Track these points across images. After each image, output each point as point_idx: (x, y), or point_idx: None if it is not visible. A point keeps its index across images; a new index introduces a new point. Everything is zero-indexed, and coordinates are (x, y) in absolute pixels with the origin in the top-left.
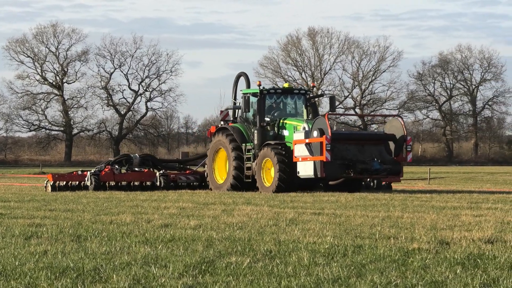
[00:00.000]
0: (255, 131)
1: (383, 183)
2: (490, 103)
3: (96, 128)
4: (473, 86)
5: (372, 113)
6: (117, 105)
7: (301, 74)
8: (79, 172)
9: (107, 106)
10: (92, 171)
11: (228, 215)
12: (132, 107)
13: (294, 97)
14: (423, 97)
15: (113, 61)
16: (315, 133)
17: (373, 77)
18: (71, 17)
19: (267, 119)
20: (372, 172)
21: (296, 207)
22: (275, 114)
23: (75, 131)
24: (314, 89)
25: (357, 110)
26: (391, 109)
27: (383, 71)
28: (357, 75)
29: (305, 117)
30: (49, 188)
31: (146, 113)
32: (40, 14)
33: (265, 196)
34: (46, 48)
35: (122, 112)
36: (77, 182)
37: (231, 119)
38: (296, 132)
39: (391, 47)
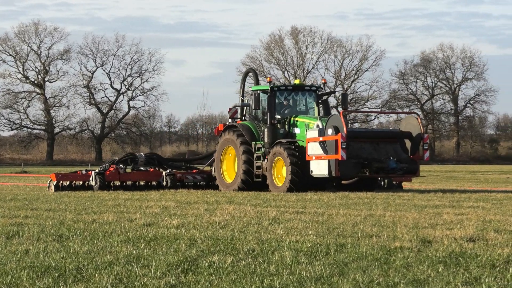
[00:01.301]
0: (266, 129)
1: (394, 182)
2: (471, 102)
3: (78, 127)
4: (455, 85)
5: (387, 111)
6: (99, 104)
7: (284, 73)
8: (83, 172)
9: (89, 105)
10: (97, 170)
11: (210, 214)
12: (114, 106)
13: (305, 94)
14: (405, 96)
15: (95, 59)
16: (329, 131)
17: (356, 76)
18: (55, 15)
19: (277, 116)
20: (389, 171)
21: (278, 206)
22: (285, 112)
23: (57, 130)
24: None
25: (339, 109)
26: (373, 108)
27: (366, 70)
28: (340, 74)
29: (316, 114)
30: (53, 188)
31: (128, 112)
32: (24, 13)
33: (248, 195)
34: (28, 47)
35: (104, 111)
36: (81, 182)
37: (239, 116)
38: (309, 130)
39: (374, 46)
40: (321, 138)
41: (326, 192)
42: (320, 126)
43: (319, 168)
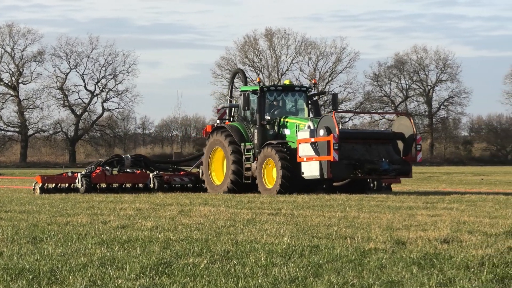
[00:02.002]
0: (255, 130)
1: (384, 184)
2: (445, 103)
3: (51, 129)
4: (429, 87)
5: (379, 112)
6: (73, 106)
7: (258, 75)
8: (69, 174)
9: (63, 107)
10: (83, 172)
11: (185, 216)
12: (88, 107)
13: (295, 95)
14: (379, 98)
15: (69, 61)
16: (321, 132)
17: (330, 78)
18: (29, 17)
19: (267, 117)
20: (381, 173)
21: (253, 207)
22: (275, 113)
23: (30, 132)
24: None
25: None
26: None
27: (340, 72)
28: (314, 75)
29: (306, 115)
30: (38, 191)
31: (102, 113)
32: None
33: (222, 196)
34: (2, 49)
35: (78, 113)
36: (66, 184)
37: (227, 117)
38: (300, 131)
39: (348, 48)
40: (312, 139)
41: (301, 194)
42: (312, 127)
43: (310, 169)
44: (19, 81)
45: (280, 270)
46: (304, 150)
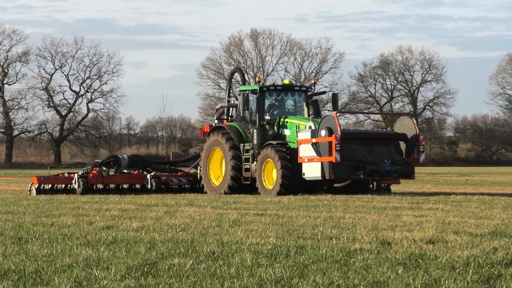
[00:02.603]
0: (255, 131)
1: (383, 185)
2: (430, 104)
3: (36, 130)
4: (414, 88)
5: (383, 112)
6: (58, 106)
7: (244, 76)
8: (66, 175)
9: (48, 108)
10: (80, 173)
11: (170, 216)
12: (73, 108)
13: (295, 94)
14: (364, 98)
15: (54, 62)
16: (323, 132)
17: (315, 79)
18: (15, 18)
19: (267, 117)
20: (383, 174)
21: (239, 208)
22: (274, 113)
23: (15, 132)
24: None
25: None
26: (332, 111)
27: (325, 73)
28: (299, 76)
29: (306, 115)
30: (34, 192)
31: (87, 114)
32: None
33: (208, 197)
34: None
35: (63, 114)
36: (63, 185)
37: (225, 117)
38: (301, 131)
39: (333, 48)
40: (314, 140)
41: (287, 195)
42: (313, 127)
43: (311, 170)
44: (4, 81)
45: (266, 271)
46: (305, 151)
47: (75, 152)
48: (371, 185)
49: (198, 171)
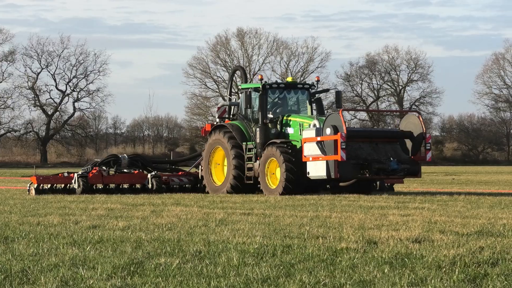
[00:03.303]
0: (257, 129)
1: (386, 184)
2: (417, 103)
3: (23, 129)
4: (400, 87)
5: (386, 110)
6: (44, 106)
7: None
8: (65, 174)
9: (34, 107)
10: (80, 172)
11: (157, 216)
12: (60, 107)
13: (298, 92)
14: (350, 97)
15: (40, 61)
16: (328, 131)
17: (302, 78)
18: (1, 17)
19: (270, 116)
20: (390, 172)
21: (225, 207)
22: (277, 111)
23: (1, 131)
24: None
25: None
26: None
27: (311, 72)
28: (286, 75)
29: (309, 113)
30: (33, 192)
31: (73, 113)
32: None
33: (195, 196)
34: None
35: (49, 113)
36: (62, 185)
37: (226, 116)
38: (305, 130)
39: (320, 48)
40: (318, 138)
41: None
42: (318, 126)
43: (316, 169)
44: None
45: (252, 270)
46: (310, 150)
47: (61, 151)
48: (374, 184)
49: (199, 171)
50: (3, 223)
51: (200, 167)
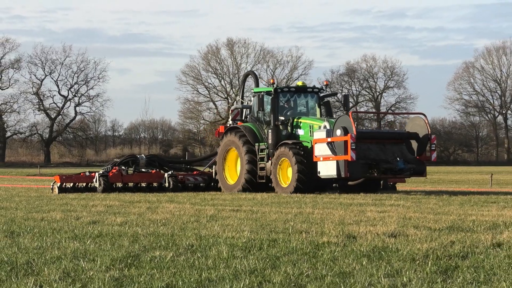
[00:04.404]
0: (270, 131)
1: (389, 183)
2: (393, 108)
3: (28, 131)
4: (377, 93)
5: (396, 112)
6: (47, 110)
7: (221, 81)
8: (87, 173)
9: (38, 111)
10: (101, 172)
11: (152, 212)
12: (62, 111)
13: (307, 96)
14: (332, 103)
15: (44, 68)
16: (338, 132)
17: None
18: (8, 27)
19: (281, 118)
20: (397, 172)
21: (216, 204)
22: (288, 113)
23: (8, 134)
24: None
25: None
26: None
27: (295, 79)
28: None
29: (318, 115)
30: (56, 190)
31: (75, 117)
32: None
33: (187, 194)
34: None
35: (53, 116)
36: (84, 184)
37: (239, 118)
38: (316, 131)
39: (303, 57)
40: (329, 139)
41: (259, 193)
42: (328, 127)
43: (327, 169)
44: None
45: (241, 262)
46: (321, 150)
47: (64, 152)
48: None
49: (213, 170)
50: (9, 219)
51: (214, 167)
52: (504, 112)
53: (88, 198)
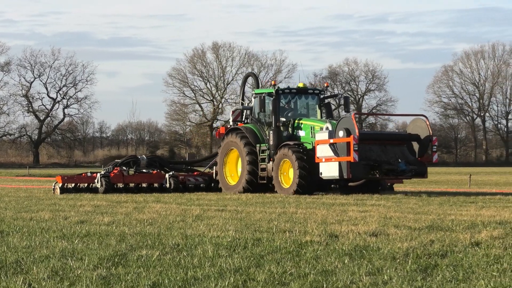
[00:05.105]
0: (271, 132)
1: (387, 184)
2: (374, 111)
3: (17, 133)
4: (359, 96)
5: (397, 113)
6: (36, 112)
7: (206, 84)
8: (88, 174)
9: (28, 113)
10: (102, 173)
11: (139, 212)
12: (51, 113)
13: (308, 97)
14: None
15: (33, 71)
16: (340, 133)
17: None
18: (0, 31)
19: (282, 119)
20: (399, 173)
21: (201, 204)
22: (289, 115)
23: None
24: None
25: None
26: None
27: (280, 82)
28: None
29: (318, 117)
30: (58, 191)
31: (63, 118)
32: None
33: (173, 194)
34: None
35: (41, 118)
36: (85, 184)
37: (240, 119)
38: (318, 132)
39: (287, 60)
40: (331, 140)
41: (245, 193)
42: (330, 128)
43: (329, 170)
44: None
45: (226, 261)
46: (323, 151)
47: (52, 153)
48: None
49: (214, 171)
50: None
51: (214, 168)
52: (482, 114)
53: (76, 199)
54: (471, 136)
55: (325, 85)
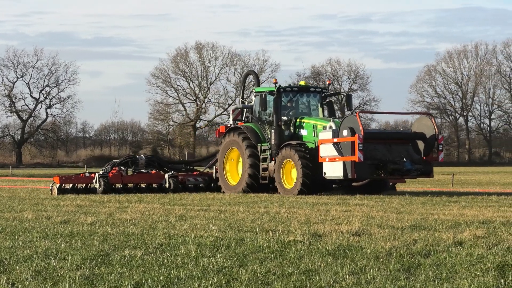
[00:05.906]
0: (272, 131)
1: (390, 183)
2: (357, 110)
3: (0, 133)
4: (342, 96)
5: (401, 111)
6: (19, 112)
7: (189, 84)
8: (86, 174)
9: (10, 113)
10: (100, 173)
11: (122, 212)
12: (33, 113)
13: (310, 95)
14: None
15: (16, 71)
16: (345, 132)
17: (253, 87)
18: None
19: (284, 118)
20: (404, 173)
21: (185, 204)
22: (290, 113)
23: None
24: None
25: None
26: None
27: (263, 82)
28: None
29: (320, 115)
30: (55, 191)
31: (46, 118)
32: None
33: (156, 194)
34: None
35: (24, 118)
36: (83, 185)
37: (240, 118)
38: (322, 132)
39: (270, 60)
40: (335, 140)
41: (230, 193)
42: (334, 128)
43: (333, 170)
44: None
45: (209, 261)
46: (326, 151)
47: (35, 153)
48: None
49: (213, 171)
50: None
51: (214, 168)
52: (465, 114)
53: (58, 198)
54: (454, 136)
55: (327, 82)
